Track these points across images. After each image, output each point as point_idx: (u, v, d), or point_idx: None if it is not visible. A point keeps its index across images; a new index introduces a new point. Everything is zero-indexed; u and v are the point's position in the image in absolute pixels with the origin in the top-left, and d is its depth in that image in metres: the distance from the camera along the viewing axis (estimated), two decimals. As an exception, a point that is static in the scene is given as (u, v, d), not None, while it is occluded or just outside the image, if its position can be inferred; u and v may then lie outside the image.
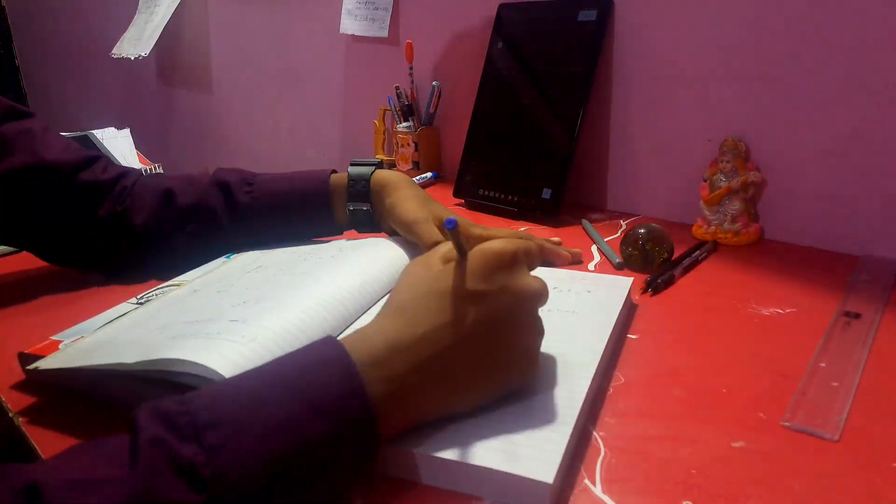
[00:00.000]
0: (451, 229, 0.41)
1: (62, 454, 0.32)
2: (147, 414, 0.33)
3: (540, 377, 0.45)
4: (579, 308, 0.56)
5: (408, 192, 0.69)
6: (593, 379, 0.45)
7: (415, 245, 0.66)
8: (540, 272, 0.60)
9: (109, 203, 0.69)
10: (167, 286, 0.63)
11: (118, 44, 1.74)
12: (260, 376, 0.37)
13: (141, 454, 0.31)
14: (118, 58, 1.72)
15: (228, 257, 0.69)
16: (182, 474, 0.31)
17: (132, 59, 1.67)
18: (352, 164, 0.72)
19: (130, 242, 0.70)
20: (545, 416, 0.41)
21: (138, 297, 0.61)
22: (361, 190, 0.70)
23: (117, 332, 0.52)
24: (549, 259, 0.71)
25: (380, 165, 0.72)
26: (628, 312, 0.60)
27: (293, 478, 0.33)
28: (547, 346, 0.46)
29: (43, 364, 0.48)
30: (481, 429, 0.40)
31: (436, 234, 0.64)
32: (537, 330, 0.44)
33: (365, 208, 0.70)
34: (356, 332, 0.41)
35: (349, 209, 0.71)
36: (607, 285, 0.60)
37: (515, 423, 0.40)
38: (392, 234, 0.71)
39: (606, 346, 0.50)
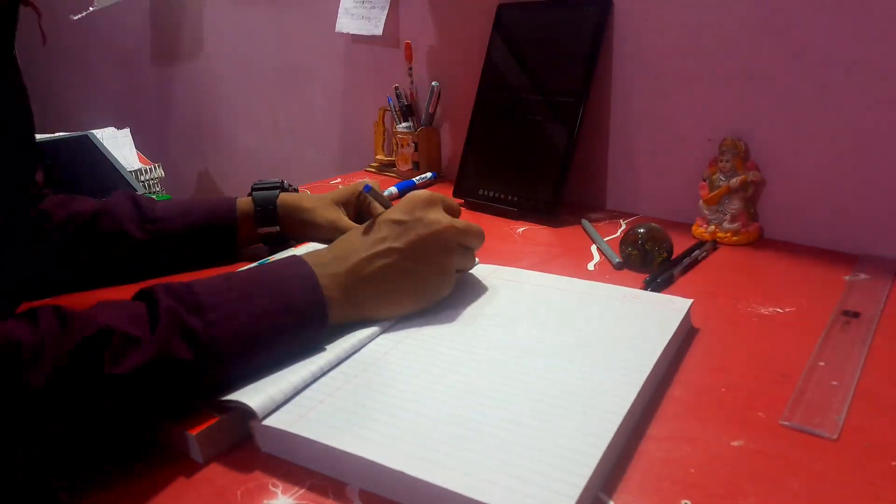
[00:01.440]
0: (368, 192, 0.61)
1: (93, 309, 0.42)
2: (163, 290, 0.44)
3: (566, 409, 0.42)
4: (620, 334, 0.52)
5: (312, 205, 0.76)
6: (624, 419, 0.41)
7: None
8: (587, 288, 0.61)
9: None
10: None
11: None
12: (249, 278, 0.49)
13: (161, 319, 0.42)
14: (99, 7, 1.65)
15: (264, 262, 0.69)
16: (186, 338, 0.42)
17: (108, 5, 1.62)
18: (254, 188, 0.77)
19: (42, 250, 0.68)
20: (564, 453, 0.38)
21: None
22: (270, 211, 0.75)
23: None
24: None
25: (281, 186, 0.77)
26: (685, 338, 0.55)
27: (265, 348, 0.46)
28: (579, 377, 0.46)
29: None
30: (490, 458, 0.38)
31: (350, 223, 0.75)
32: (449, 254, 0.56)
33: (275, 230, 0.76)
34: (313, 254, 0.54)
35: (260, 232, 0.75)
36: (661, 307, 0.56)
37: (531, 456, 0.38)
38: (315, 240, 0.76)
39: (648, 378, 0.45)
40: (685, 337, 0.55)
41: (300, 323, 0.48)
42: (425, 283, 0.55)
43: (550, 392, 0.44)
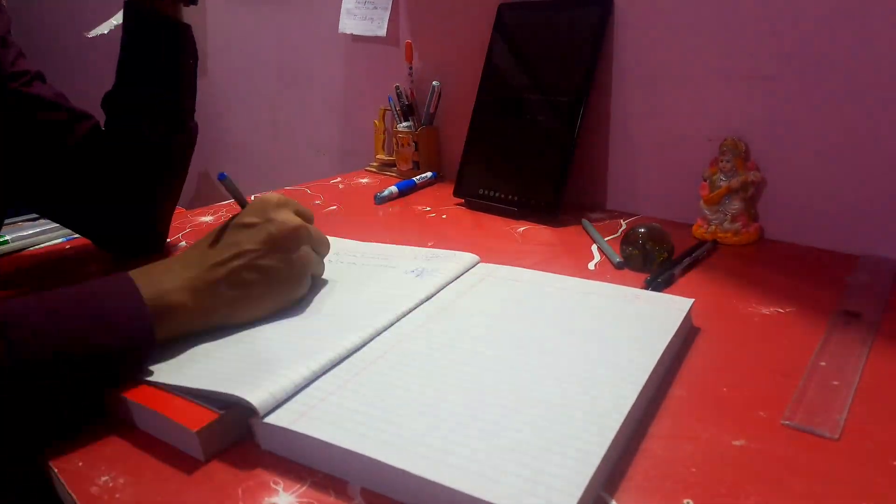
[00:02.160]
0: (222, 180, 0.55)
1: None
2: None
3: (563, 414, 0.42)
4: (621, 334, 0.52)
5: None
6: (625, 418, 0.41)
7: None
8: (588, 287, 0.60)
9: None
10: None
11: (97, 28, 1.72)
12: (62, 294, 0.46)
13: None
14: (93, 37, 1.69)
15: None
16: None
17: (106, 32, 1.65)
18: None
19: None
20: (566, 451, 0.38)
21: None
22: None
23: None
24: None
25: None
26: (686, 338, 0.55)
27: (79, 376, 0.43)
28: (581, 376, 0.45)
29: None
30: (492, 456, 0.38)
31: None
32: (296, 257, 0.55)
33: None
34: (143, 267, 0.51)
35: None
36: (662, 306, 0.56)
37: (533, 455, 0.38)
38: None
39: (649, 378, 0.45)
40: (686, 336, 0.55)
41: (121, 343, 0.45)
42: (281, 282, 0.54)
43: (552, 391, 0.44)
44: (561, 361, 0.48)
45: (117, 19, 1.63)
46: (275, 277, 0.54)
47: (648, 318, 0.54)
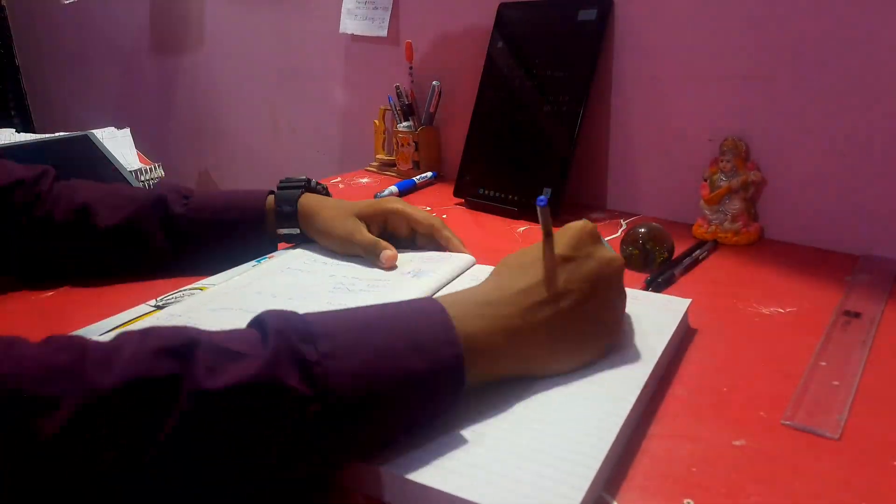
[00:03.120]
0: (542, 206, 0.46)
1: (202, 332, 0.37)
2: (274, 316, 0.38)
3: (568, 413, 0.42)
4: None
5: (330, 213, 0.71)
6: (625, 419, 0.41)
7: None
8: None
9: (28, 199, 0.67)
10: (189, 289, 0.63)
11: None
12: (368, 313, 0.41)
13: (270, 340, 0.36)
14: (69, 3, 1.67)
15: (258, 262, 0.70)
16: (299, 365, 0.35)
17: None
18: (280, 186, 0.73)
19: (50, 247, 0.69)
20: (567, 454, 0.38)
21: (157, 299, 0.61)
22: (289, 213, 0.71)
23: None
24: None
25: (307, 185, 0.73)
26: (684, 338, 0.55)
27: (386, 399, 0.38)
28: (580, 377, 0.46)
29: None
30: (492, 460, 0.38)
31: (368, 237, 0.68)
32: (620, 298, 0.49)
33: (295, 232, 0.72)
34: (451, 294, 0.46)
35: (280, 233, 0.72)
36: (659, 307, 0.56)
37: (533, 458, 0.38)
38: (332, 250, 0.72)
39: (649, 379, 0.46)
40: (685, 336, 0.55)
41: (432, 365, 0.39)
42: (601, 329, 0.47)
43: (551, 393, 0.44)
44: None
45: None
46: (596, 324, 0.47)
47: (646, 319, 0.54)
